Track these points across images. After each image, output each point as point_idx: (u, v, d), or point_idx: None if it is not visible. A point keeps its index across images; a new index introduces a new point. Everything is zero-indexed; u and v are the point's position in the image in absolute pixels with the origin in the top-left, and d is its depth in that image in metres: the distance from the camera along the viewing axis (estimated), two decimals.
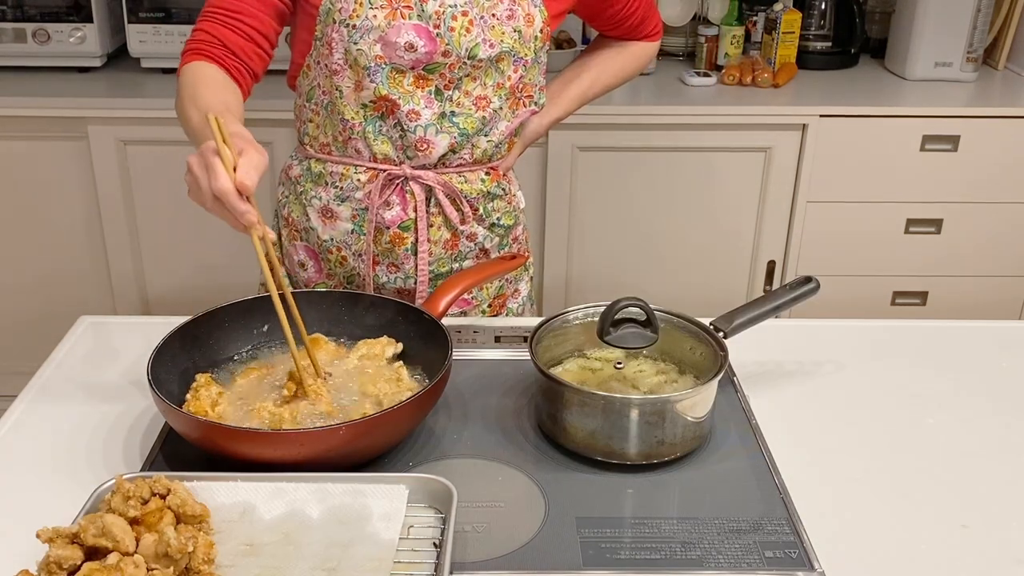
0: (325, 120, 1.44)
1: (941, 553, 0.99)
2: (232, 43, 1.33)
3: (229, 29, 1.33)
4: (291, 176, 1.51)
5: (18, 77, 2.55)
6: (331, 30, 1.35)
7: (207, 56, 1.31)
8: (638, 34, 1.61)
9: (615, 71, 1.63)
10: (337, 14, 1.34)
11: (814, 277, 1.25)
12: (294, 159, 1.52)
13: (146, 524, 0.91)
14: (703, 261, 2.64)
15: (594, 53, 1.64)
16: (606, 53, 1.63)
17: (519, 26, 1.38)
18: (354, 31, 1.34)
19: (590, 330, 1.19)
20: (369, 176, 1.44)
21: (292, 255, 1.54)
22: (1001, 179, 2.54)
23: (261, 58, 1.36)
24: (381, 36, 1.33)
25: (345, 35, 1.34)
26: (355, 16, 1.33)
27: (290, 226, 1.53)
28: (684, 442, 1.11)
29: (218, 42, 1.32)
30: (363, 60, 1.35)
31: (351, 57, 1.35)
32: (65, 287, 2.61)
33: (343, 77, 1.38)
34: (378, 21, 1.33)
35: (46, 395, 1.24)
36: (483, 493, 1.06)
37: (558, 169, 2.50)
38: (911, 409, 1.24)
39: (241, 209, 1.03)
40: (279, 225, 1.57)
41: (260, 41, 1.35)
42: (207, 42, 1.32)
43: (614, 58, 1.62)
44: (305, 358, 1.14)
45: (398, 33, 1.33)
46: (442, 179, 1.44)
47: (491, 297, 1.57)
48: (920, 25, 2.63)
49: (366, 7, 1.33)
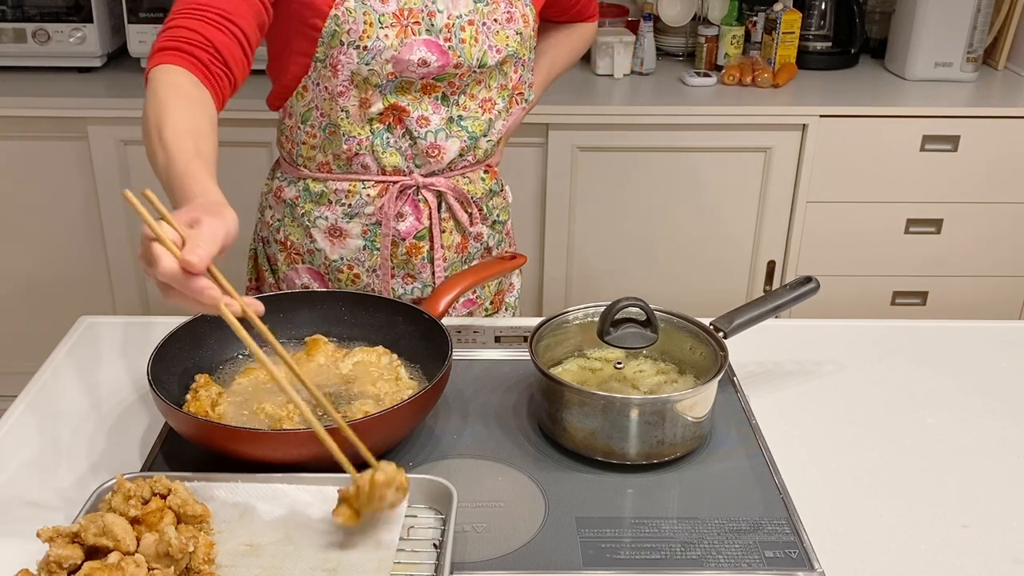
0: (323, 141, 1.41)
1: (941, 553, 0.99)
2: (220, 43, 1.17)
3: (216, 28, 1.17)
4: (284, 198, 1.47)
5: (18, 77, 2.55)
6: (337, 52, 1.31)
7: (189, 57, 1.15)
8: (582, 16, 1.65)
9: (567, 54, 1.66)
10: (345, 36, 1.30)
11: (814, 277, 1.25)
12: (282, 180, 1.48)
13: (147, 524, 0.91)
14: (703, 261, 2.64)
15: (544, 40, 1.63)
16: (556, 38, 1.65)
17: (519, 28, 1.38)
18: (365, 52, 1.30)
19: (590, 330, 1.19)
20: (379, 190, 1.42)
21: (293, 279, 1.51)
22: (1001, 179, 2.54)
23: (242, 69, 1.21)
24: (393, 56, 1.30)
25: (355, 57, 1.30)
26: (365, 37, 1.29)
27: (289, 250, 1.49)
28: (684, 442, 1.11)
29: (203, 40, 1.16)
30: (374, 79, 1.32)
31: (359, 78, 1.32)
32: (65, 287, 2.61)
33: (348, 98, 1.35)
34: (390, 41, 1.30)
35: (46, 395, 1.24)
36: (483, 493, 1.05)
37: (558, 169, 2.50)
38: (911, 409, 1.24)
39: (195, 288, 0.86)
40: (269, 251, 1.53)
41: (246, 49, 1.21)
42: (192, 41, 1.15)
43: (564, 41, 1.65)
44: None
45: (410, 51, 1.31)
46: (451, 183, 1.44)
47: (491, 294, 1.58)
48: (920, 25, 2.63)
49: (376, 28, 1.29)
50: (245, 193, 2.45)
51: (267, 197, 1.52)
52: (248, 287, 1.60)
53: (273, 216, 1.51)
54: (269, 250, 1.53)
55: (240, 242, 0.97)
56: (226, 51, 1.18)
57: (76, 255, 2.57)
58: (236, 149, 2.43)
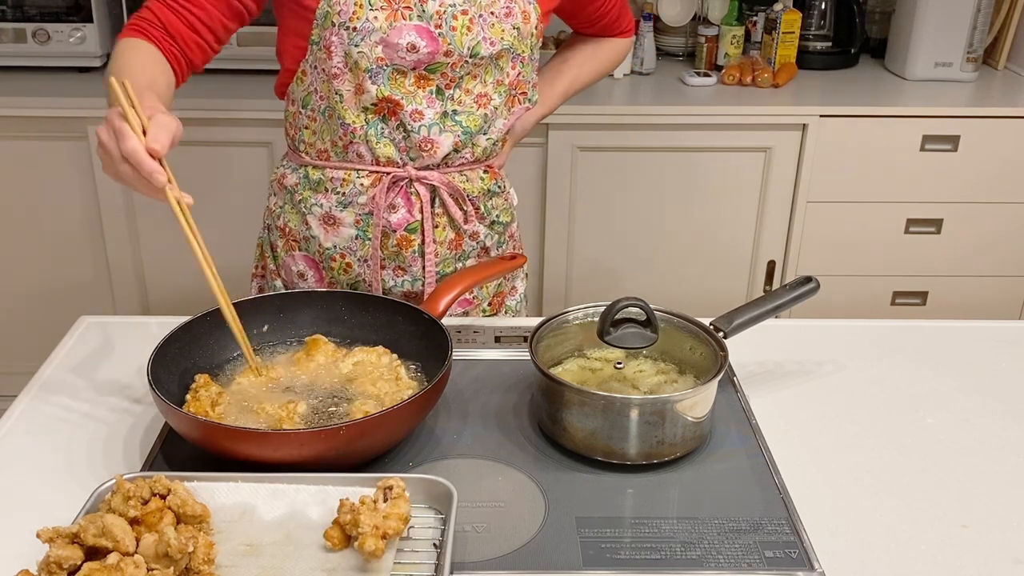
0: (323, 126, 1.42)
1: (941, 553, 0.99)
2: (173, 28, 1.31)
3: (174, 14, 1.31)
4: (286, 185, 1.49)
5: (18, 77, 2.55)
6: (330, 33, 1.34)
7: (145, 35, 1.30)
8: (612, 31, 1.65)
9: (593, 67, 1.66)
10: (336, 17, 1.32)
11: (814, 277, 1.25)
12: (286, 167, 1.50)
13: (146, 524, 0.91)
14: (703, 261, 2.64)
15: (571, 50, 1.66)
16: (583, 50, 1.65)
17: (517, 23, 1.38)
18: (355, 34, 1.32)
19: (590, 330, 1.19)
20: (372, 180, 1.43)
21: (290, 266, 1.52)
22: (1001, 179, 2.54)
23: (203, 50, 1.35)
24: (382, 38, 1.32)
25: (345, 38, 1.33)
26: (355, 19, 1.32)
27: (287, 236, 1.51)
28: (684, 442, 1.11)
29: (159, 23, 1.30)
30: (364, 63, 1.34)
31: (351, 60, 1.34)
32: (65, 287, 2.61)
33: (343, 81, 1.36)
34: (379, 23, 1.32)
35: (46, 395, 1.24)
36: (483, 493, 1.05)
37: (558, 169, 2.50)
38: (911, 409, 1.24)
39: (149, 168, 1.01)
40: (271, 237, 1.55)
41: (204, 33, 1.33)
42: (149, 21, 1.31)
43: (591, 55, 1.66)
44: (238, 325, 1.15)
45: (400, 34, 1.32)
46: (446, 179, 1.44)
47: (491, 295, 1.57)
48: (920, 25, 2.63)
49: (366, 9, 1.32)
50: (245, 192, 2.47)
51: (272, 184, 1.55)
52: (254, 273, 1.62)
53: (276, 203, 1.53)
54: (272, 236, 1.56)
55: (243, 242, 0.99)
56: (177, 33, 1.32)
57: (76, 255, 2.57)
58: (236, 149, 2.43)
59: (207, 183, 2.46)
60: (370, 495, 0.93)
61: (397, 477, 0.96)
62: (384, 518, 0.90)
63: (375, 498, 0.93)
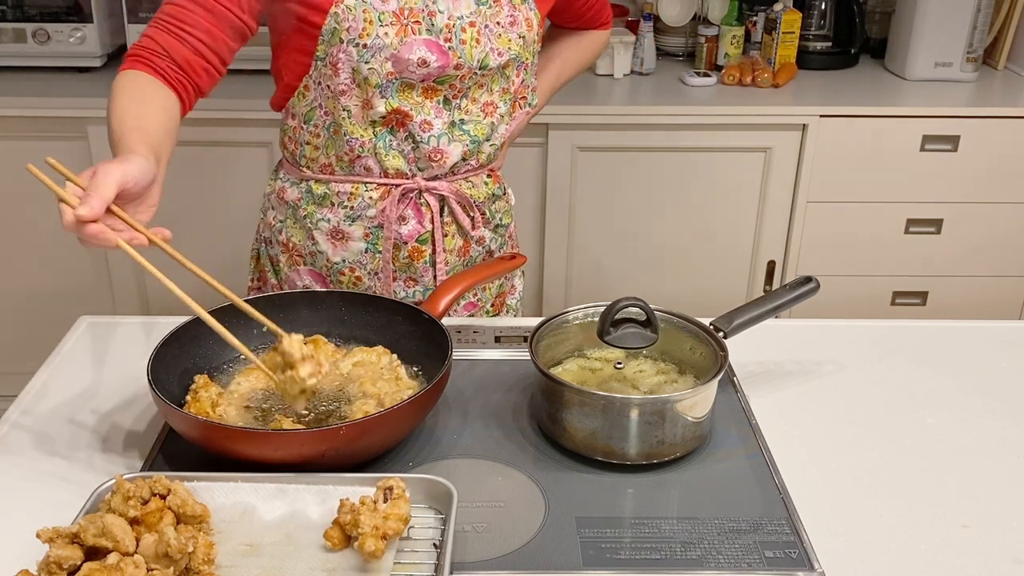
0: (327, 141, 1.41)
1: (941, 553, 0.99)
2: (178, 55, 1.26)
3: (177, 40, 1.26)
4: (287, 200, 1.47)
5: (18, 77, 2.55)
6: (337, 50, 1.31)
7: (148, 64, 1.25)
8: (594, 24, 1.65)
9: (577, 60, 1.66)
10: (345, 34, 1.30)
11: (814, 277, 1.25)
12: (284, 181, 1.48)
13: (146, 524, 0.91)
14: (703, 261, 2.64)
15: (554, 45, 1.65)
16: (566, 43, 1.65)
17: (522, 31, 1.38)
18: (364, 50, 1.30)
19: (590, 330, 1.19)
20: (381, 193, 1.42)
21: (295, 280, 1.51)
22: (1001, 179, 2.54)
23: (209, 74, 1.30)
24: (393, 54, 1.31)
25: (354, 55, 1.31)
26: (365, 35, 1.30)
27: (291, 251, 1.49)
28: (684, 442, 1.11)
29: (163, 52, 1.25)
30: (374, 79, 1.32)
31: (360, 76, 1.32)
32: (65, 287, 2.61)
33: (351, 97, 1.35)
34: (389, 39, 1.30)
35: (46, 395, 1.24)
36: (483, 493, 1.05)
37: (558, 169, 2.50)
38: (911, 409, 1.24)
39: (90, 233, 0.99)
40: (272, 252, 1.53)
41: (210, 57, 1.28)
42: (151, 50, 1.25)
43: (574, 47, 1.65)
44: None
45: (410, 50, 1.31)
46: (454, 187, 1.44)
47: (493, 297, 1.58)
48: (920, 25, 2.63)
49: (376, 25, 1.29)
50: (245, 193, 2.47)
51: (270, 198, 1.52)
52: (250, 287, 1.60)
53: (275, 217, 1.51)
54: (271, 251, 1.53)
55: (243, 242, 0.99)
56: (183, 60, 1.26)
57: (76, 255, 2.57)
58: (236, 149, 2.43)
59: (207, 183, 2.46)
60: (370, 495, 0.94)
61: (397, 477, 0.96)
62: (384, 518, 0.91)
63: (375, 498, 0.93)
